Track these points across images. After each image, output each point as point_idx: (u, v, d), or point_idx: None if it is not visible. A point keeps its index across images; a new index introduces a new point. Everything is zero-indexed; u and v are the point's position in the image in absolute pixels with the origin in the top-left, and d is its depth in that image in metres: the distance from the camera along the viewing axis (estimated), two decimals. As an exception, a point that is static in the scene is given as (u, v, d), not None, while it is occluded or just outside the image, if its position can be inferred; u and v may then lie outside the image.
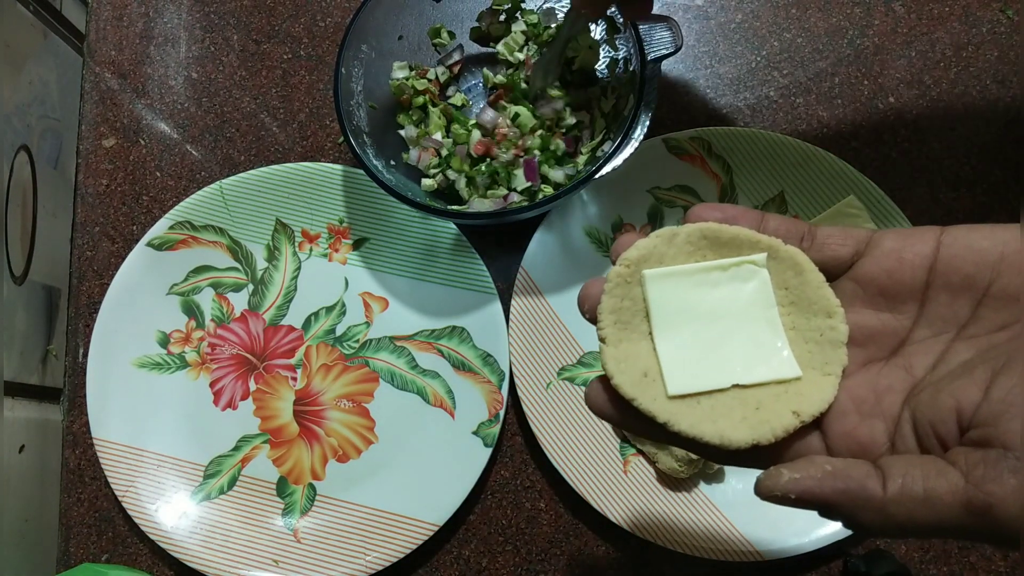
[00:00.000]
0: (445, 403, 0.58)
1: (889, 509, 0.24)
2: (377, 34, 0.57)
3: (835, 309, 0.29)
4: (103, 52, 0.67)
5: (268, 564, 0.56)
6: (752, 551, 0.53)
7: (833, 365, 0.29)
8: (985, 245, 0.27)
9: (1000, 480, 0.23)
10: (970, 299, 0.27)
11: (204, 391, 0.60)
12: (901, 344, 0.29)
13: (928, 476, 0.24)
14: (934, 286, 0.28)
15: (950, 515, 0.24)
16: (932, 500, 0.24)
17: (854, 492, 0.25)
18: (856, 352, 0.29)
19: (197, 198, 0.61)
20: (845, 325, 0.29)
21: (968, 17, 0.64)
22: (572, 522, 0.57)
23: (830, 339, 0.29)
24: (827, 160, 0.58)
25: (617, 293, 0.30)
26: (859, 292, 0.29)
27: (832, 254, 0.30)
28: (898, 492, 0.24)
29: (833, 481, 0.25)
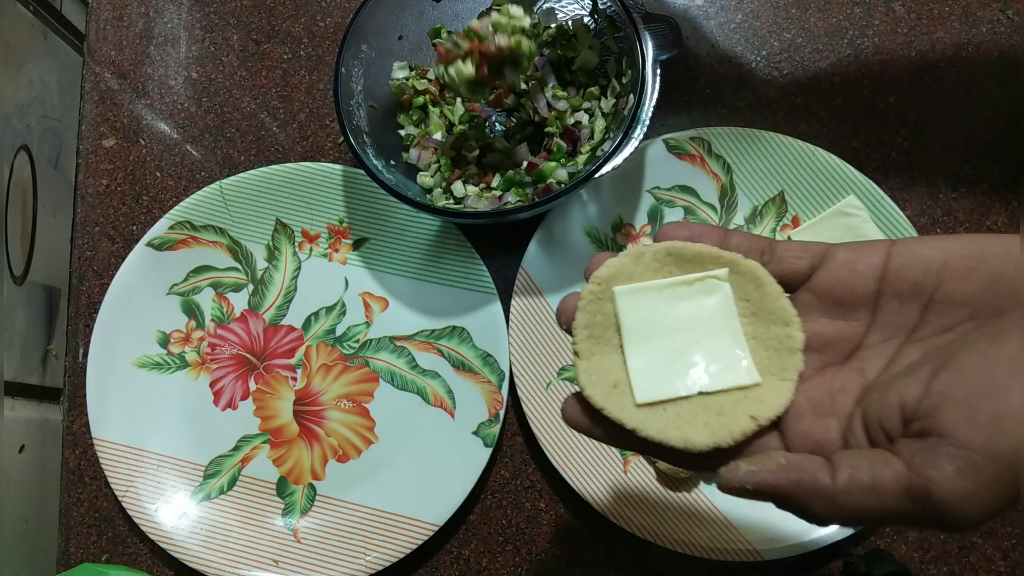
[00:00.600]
0: (445, 403, 0.58)
1: (839, 499, 0.26)
2: (377, 34, 0.57)
3: (792, 318, 0.31)
4: (103, 52, 0.67)
5: (268, 564, 0.56)
6: (752, 551, 0.53)
7: (790, 371, 0.31)
8: (930, 254, 0.29)
9: (938, 466, 0.24)
10: (918, 305, 0.29)
11: (204, 391, 0.60)
12: (855, 349, 0.30)
13: (874, 466, 0.26)
14: (884, 294, 0.29)
15: (894, 501, 0.25)
16: (877, 488, 0.25)
17: (806, 483, 0.26)
18: (813, 358, 0.31)
19: (197, 198, 0.61)
20: (801, 333, 0.31)
21: (968, 17, 0.64)
22: (572, 522, 0.57)
23: (787, 346, 0.31)
24: (827, 160, 0.58)
25: (590, 309, 0.32)
26: (816, 302, 0.31)
27: (790, 267, 0.31)
28: (847, 482, 0.26)
29: (787, 473, 0.27)
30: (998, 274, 0.27)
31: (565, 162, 0.58)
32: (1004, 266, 0.27)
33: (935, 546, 0.56)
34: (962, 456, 0.24)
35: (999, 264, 0.27)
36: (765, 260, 0.32)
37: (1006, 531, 0.56)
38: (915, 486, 0.24)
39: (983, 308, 0.27)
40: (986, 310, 0.27)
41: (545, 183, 0.57)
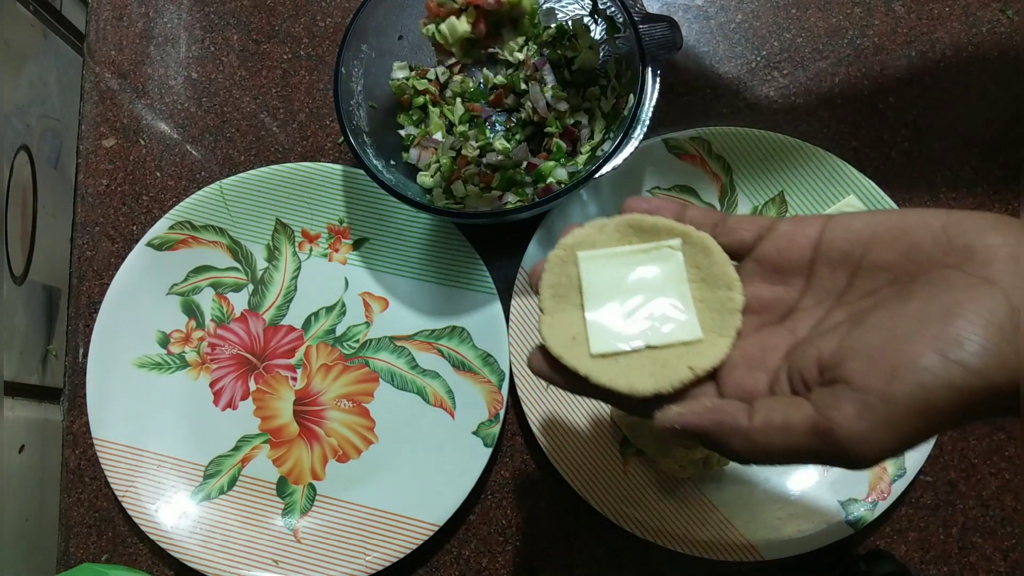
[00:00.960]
0: (445, 403, 0.58)
1: (754, 436, 0.29)
2: (377, 34, 0.57)
3: (734, 283, 0.34)
4: (103, 52, 0.67)
5: (268, 564, 0.56)
6: (752, 551, 0.53)
7: (729, 328, 0.34)
8: (859, 227, 0.32)
9: (840, 408, 0.27)
10: (846, 271, 0.32)
11: (204, 391, 0.60)
12: (790, 312, 0.34)
13: (787, 409, 0.29)
14: (818, 262, 0.33)
15: (802, 439, 0.28)
16: (788, 428, 0.28)
17: (727, 423, 0.30)
18: (752, 319, 0.34)
19: (197, 198, 0.61)
20: (742, 296, 0.34)
21: (968, 17, 0.64)
22: (572, 522, 0.57)
23: (728, 308, 0.34)
24: (827, 160, 0.58)
25: (555, 271, 0.36)
26: (758, 269, 0.34)
27: (738, 238, 0.35)
28: (762, 423, 0.29)
29: (711, 415, 0.30)
30: (916, 243, 0.30)
31: (565, 162, 0.58)
32: (921, 236, 0.30)
33: (935, 546, 0.56)
34: (861, 400, 0.27)
35: (918, 235, 0.30)
36: (717, 232, 0.35)
37: (1006, 531, 0.56)
38: (819, 425, 0.27)
39: (901, 273, 0.30)
40: (904, 275, 0.30)
41: (545, 183, 0.57)
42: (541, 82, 0.60)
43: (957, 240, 0.29)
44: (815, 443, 0.27)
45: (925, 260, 0.29)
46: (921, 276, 0.29)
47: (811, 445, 0.27)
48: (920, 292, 0.28)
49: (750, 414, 0.29)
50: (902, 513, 0.57)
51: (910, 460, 0.54)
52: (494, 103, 0.61)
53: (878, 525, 0.56)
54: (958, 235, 0.29)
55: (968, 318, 0.26)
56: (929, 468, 0.57)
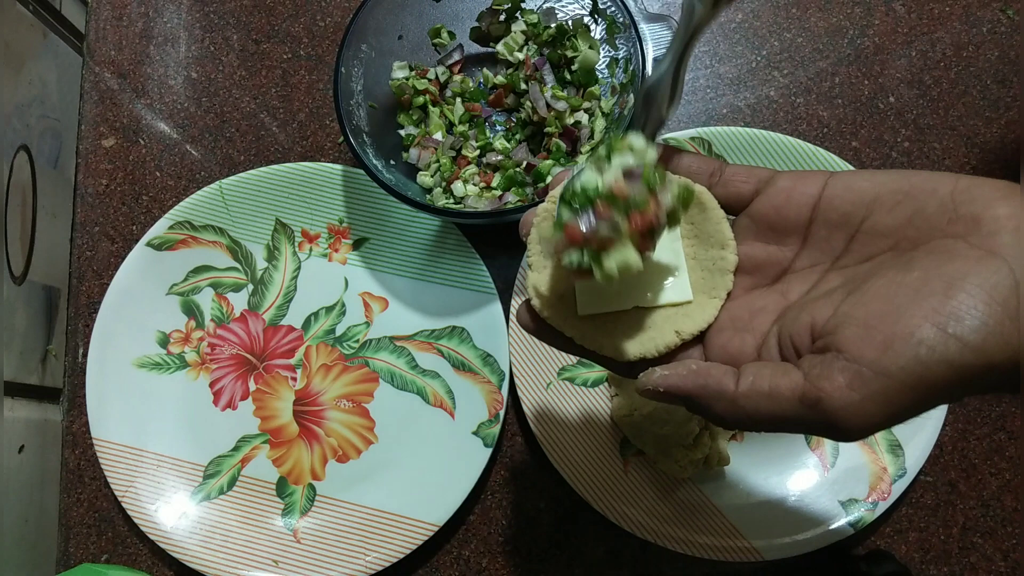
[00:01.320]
0: (445, 403, 0.58)
1: (739, 402, 0.28)
2: (377, 34, 0.57)
3: (728, 242, 0.33)
4: (103, 52, 0.67)
5: (268, 564, 0.56)
6: (752, 551, 0.53)
7: (719, 290, 0.33)
8: (863, 187, 0.30)
9: (830, 377, 0.26)
10: (845, 234, 0.31)
11: (204, 391, 0.60)
12: (783, 273, 0.32)
13: (775, 375, 0.28)
14: (816, 222, 0.31)
15: (789, 407, 0.27)
16: (775, 394, 0.27)
17: (711, 387, 0.29)
18: (744, 279, 0.33)
19: (197, 198, 0.61)
20: (735, 256, 0.33)
21: (968, 17, 0.64)
22: (572, 522, 0.57)
23: (720, 267, 0.33)
24: (828, 160, 0.58)
25: (544, 226, 0.34)
26: (752, 226, 0.33)
27: (735, 190, 0.33)
28: (748, 387, 0.28)
29: (695, 377, 0.29)
30: (920, 209, 0.29)
31: (565, 162, 0.58)
32: (927, 202, 0.28)
33: (936, 546, 0.56)
34: (853, 370, 0.26)
35: (923, 200, 0.29)
36: (713, 182, 0.33)
37: (1006, 531, 0.56)
38: (808, 393, 0.26)
39: (902, 240, 0.29)
40: (905, 242, 0.29)
41: (545, 183, 0.57)
42: (541, 82, 0.59)
43: (964, 208, 0.27)
44: (802, 411, 0.27)
45: (928, 227, 0.28)
46: (923, 244, 0.28)
47: (798, 413, 0.27)
48: (921, 261, 0.27)
49: (736, 379, 0.28)
50: (902, 513, 0.57)
51: (910, 460, 0.54)
52: (494, 103, 0.61)
53: (878, 525, 0.56)
54: (965, 203, 0.27)
55: (970, 291, 0.25)
56: (929, 468, 0.57)
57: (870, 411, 0.25)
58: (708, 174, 0.34)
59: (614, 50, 0.58)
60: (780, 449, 0.56)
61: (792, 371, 0.27)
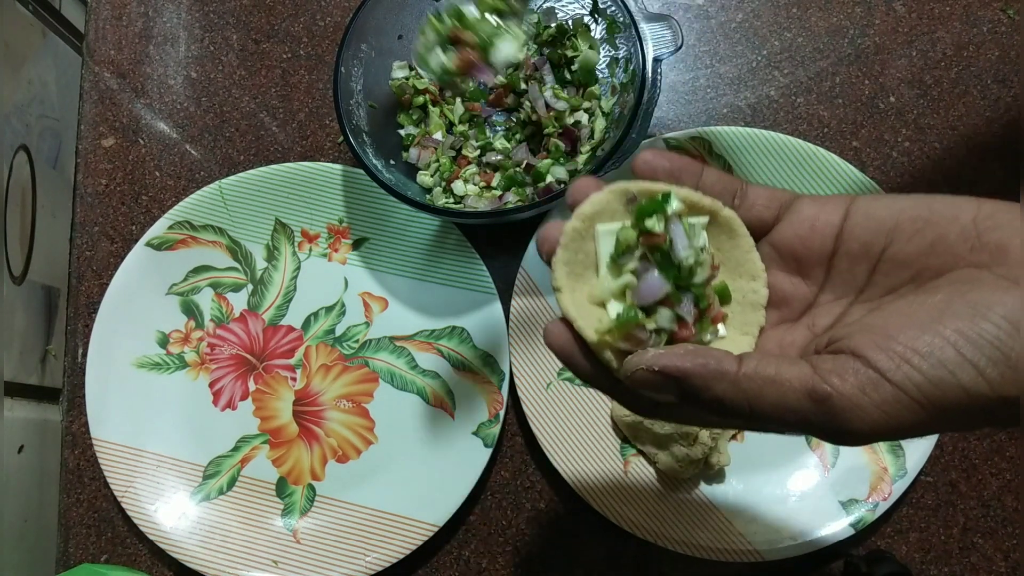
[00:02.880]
0: (445, 403, 0.58)
1: (742, 383, 0.26)
2: (377, 33, 0.57)
3: (759, 273, 0.31)
4: (102, 51, 0.67)
5: (267, 565, 0.56)
6: (752, 551, 0.53)
7: (751, 326, 0.31)
8: (883, 214, 0.29)
9: (843, 376, 0.25)
10: (867, 265, 0.30)
11: (203, 391, 0.59)
12: (809, 307, 0.32)
13: (781, 363, 0.27)
14: (838, 253, 0.30)
15: (794, 398, 0.26)
16: (780, 381, 0.26)
17: (711, 366, 0.27)
18: (771, 313, 0.32)
19: (196, 198, 0.61)
20: (766, 289, 0.31)
21: (969, 16, 0.64)
22: (572, 522, 0.57)
23: (751, 301, 0.31)
24: (828, 160, 0.58)
25: (572, 247, 0.31)
26: (775, 256, 0.32)
27: (758, 216, 0.32)
28: (752, 370, 0.27)
29: (693, 356, 0.27)
30: (942, 236, 0.28)
31: (564, 162, 0.58)
32: (948, 229, 0.28)
33: (936, 546, 0.56)
34: (867, 375, 0.25)
35: (945, 227, 0.28)
36: (736, 204, 0.32)
37: (1007, 531, 0.56)
38: (817, 388, 0.25)
39: (924, 269, 0.28)
40: (927, 271, 0.28)
41: (544, 183, 0.57)
42: (541, 82, 0.59)
43: (988, 236, 0.27)
44: (808, 406, 0.26)
45: (951, 255, 0.27)
46: (946, 273, 0.27)
47: (803, 407, 0.26)
48: (945, 288, 0.26)
49: (739, 363, 0.27)
50: (903, 513, 0.57)
51: (911, 461, 0.54)
52: (494, 103, 0.61)
53: (879, 525, 0.56)
54: (989, 230, 0.27)
55: (996, 321, 0.24)
56: (930, 468, 0.57)
57: (877, 418, 0.25)
58: (732, 195, 0.32)
59: (614, 50, 0.58)
60: (780, 449, 0.56)
61: (799, 362, 0.27)
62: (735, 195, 0.32)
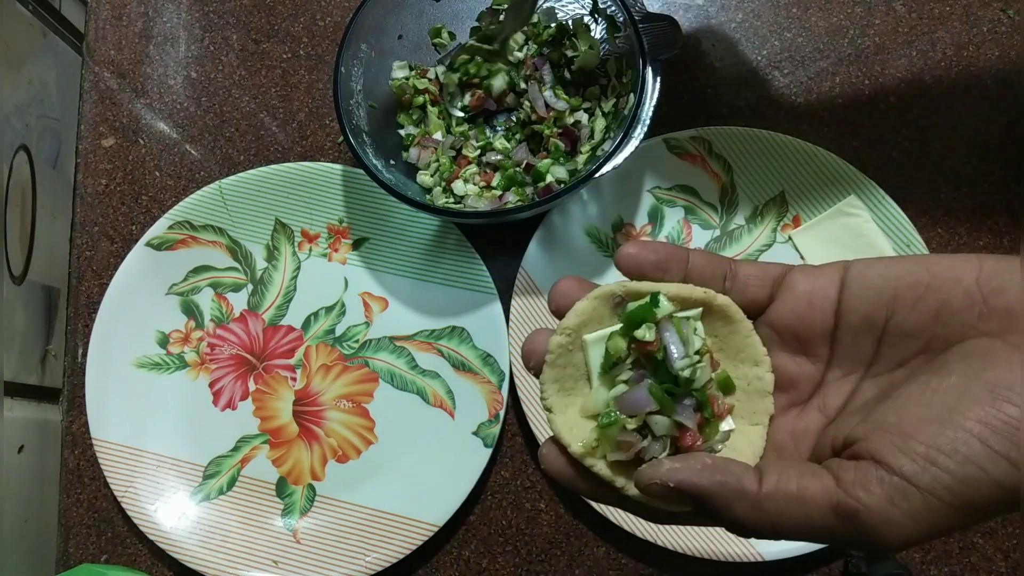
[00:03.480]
0: (445, 403, 0.58)
1: (763, 504, 0.25)
2: (377, 33, 0.57)
3: (762, 358, 0.30)
4: (102, 51, 0.67)
5: (267, 565, 0.56)
6: (752, 551, 0.53)
7: (760, 415, 0.30)
8: (879, 283, 0.28)
9: (868, 488, 0.24)
10: (871, 338, 0.28)
11: (203, 391, 0.59)
12: (818, 387, 0.30)
13: (802, 476, 0.25)
14: (840, 327, 0.29)
15: (820, 515, 0.24)
16: (804, 499, 0.24)
17: (730, 485, 0.25)
18: (779, 397, 0.30)
19: (196, 198, 0.61)
20: (771, 375, 0.30)
21: (969, 16, 0.64)
22: (572, 522, 0.57)
23: (757, 388, 0.30)
24: (828, 160, 0.58)
25: (559, 363, 0.30)
26: (775, 337, 0.30)
27: (752, 296, 0.30)
28: (773, 488, 0.25)
29: (711, 473, 0.26)
30: (946, 302, 0.26)
31: (564, 162, 0.58)
32: (950, 295, 0.26)
33: (936, 546, 0.56)
34: (893, 483, 0.23)
35: (946, 292, 0.26)
36: (727, 287, 0.30)
37: (1007, 531, 0.56)
38: (843, 504, 0.24)
39: (933, 339, 0.26)
40: (936, 341, 0.26)
41: (544, 182, 0.57)
42: (541, 82, 0.59)
43: (995, 300, 0.25)
44: (835, 522, 0.24)
45: (958, 324, 0.26)
46: (956, 344, 0.26)
47: (829, 523, 0.24)
48: (957, 365, 0.25)
49: (759, 477, 0.25)
50: (903, 513, 0.56)
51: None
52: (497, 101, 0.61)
53: (879, 525, 0.56)
54: (995, 293, 0.25)
55: (1017, 403, 0.23)
56: (930, 468, 0.57)
57: (911, 529, 0.23)
58: (722, 277, 0.30)
59: (614, 50, 0.58)
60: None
61: (821, 473, 0.25)
62: (725, 276, 0.30)
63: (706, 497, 0.26)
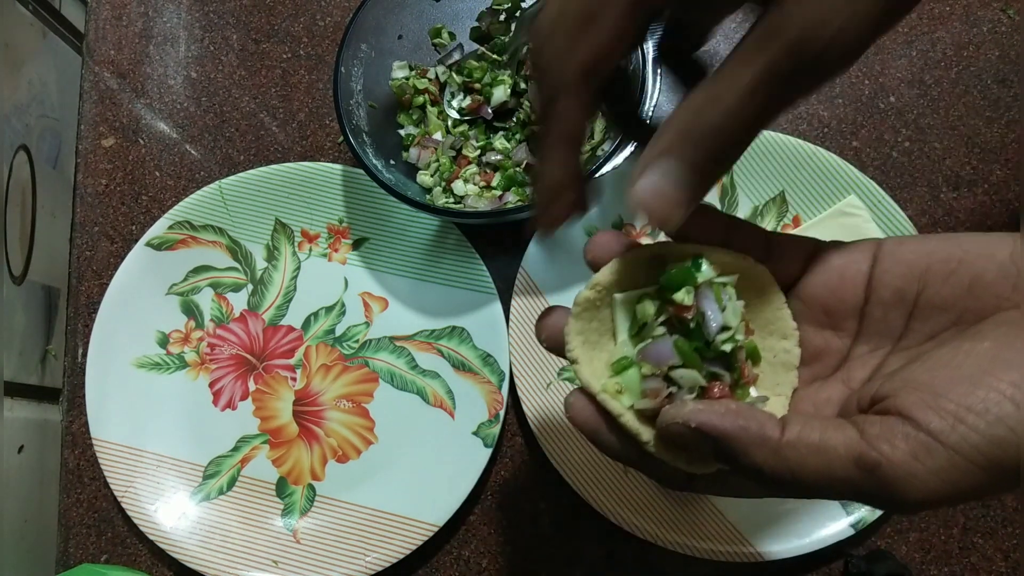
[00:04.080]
0: (445, 403, 0.58)
1: (784, 451, 0.25)
2: (377, 33, 0.57)
3: (791, 332, 0.30)
4: (102, 51, 0.67)
5: (267, 565, 0.56)
6: (752, 551, 0.53)
7: (784, 386, 0.30)
8: (912, 258, 0.28)
9: (892, 442, 0.23)
10: (902, 312, 0.28)
11: (203, 391, 0.59)
12: (843, 361, 0.30)
13: (826, 428, 0.25)
14: (870, 302, 0.29)
15: (841, 467, 0.24)
16: (826, 449, 0.24)
17: (752, 430, 0.25)
18: (802, 370, 0.30)
19: (196, 198, 0.61)
20: (799, 348, 0.30)
21: (969, 16, 0.64)
22: (572, 522, 0.57)
23: (783, 361, 0.30)
24: (828, 160, 0.58)
25: (585, 316, 0.30)
26: (804, 311, 0.30)
27: (785, 269, 0.30)
28: (795, 437, 0.25)
29: (734, 417, 0.25)
30: (979, 276, 0.26)
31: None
32: (984, 269, 0.26)
33: (936, 546, 0.56)
34: (919, 439, 0.23)
35: (980, 267, 0.26)
36: (762, 257, 0.30)
37: (1007, 531, 0.56)
38: (865, 456, 0.24)
39: (965, 312, 0.27)
40: (968, 314, 0.27)
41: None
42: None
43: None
44: (856, 475, 0.24)
45: (991, 296, 0.26)
46: (989, 316, 0.26)
47: (850, 475, 0.24)
48: (991, 332, 0.25)
49: (782, 428, 0.25)
50: (903, 513, 0.57)
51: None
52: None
53: (879, 525, 0.56)
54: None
55: None
56: (930, 468, 0.57)
57: (934, 487, 0.23)
58: (760, 246, 0.30)
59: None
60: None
61: (845, 426, 0.25)
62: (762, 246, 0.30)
63: (726, 440, 0.25)
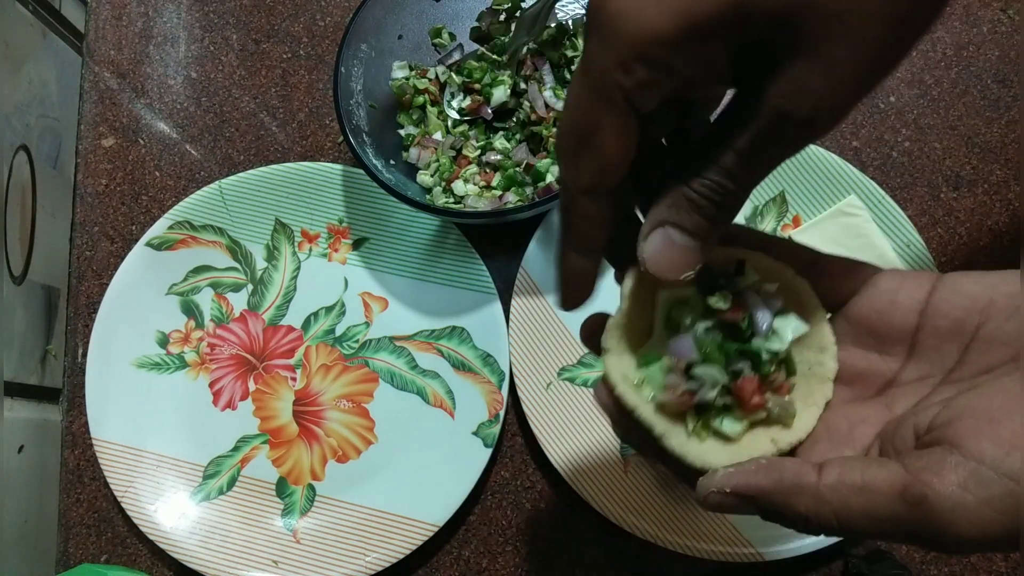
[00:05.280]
0: (445, 403, 0.58)
1: (825, 495, 0.24)
2: (377, 33, 0.57)
3: (828, 345, 0.30)
4: (102, 51, 0.67)
5: (267, 565, 0.56)
6: (752, 551, 0.53)
7: (816, 397, 0.29)
8: (975, 291, 0.27)
9: (940, 473, 0.22)
10: (958, 343, 0.27)
11: (203, 391, 0.59)
12: (887, 386, 0.29)
13: (867, 467, 0.24)
14: (924, 330, 0.28)
15: (885, 503, 0.23)
16: (869, 488, 0.23)
17: (788, 480, 0.25)
18: (842, 391, 0.30)
19: (196, 198, 0.61)
20: (835, 363, 0.29)
21: (969, 16, 0.64)
22: (572, 522, 0.57)
23: (817, 374, 0.30)
24: (828, 160, 0.58)
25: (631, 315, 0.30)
26: (850, 331, 0.30)
27: (837, 288, 0.30)
28: (835, 479, 0.24)
29: (767, 471, 0.25)
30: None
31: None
32: None
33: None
34: (969, 467, 0.22)
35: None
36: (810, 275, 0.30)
37: (1007, 531, 0.56)
38: (911, 488, 0.22)
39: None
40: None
41: (544, 183, 0.57)
42: (540, 82, 0.59)
43: None
44: (902, 510, 0.22)
45: None
46: None
47: (896, 511, 0.23)
48: None
49: (818, 471, 0.24)
50: (903, 513, 0.56)
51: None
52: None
53: (879, 525, 0.56)
54: None
55: None
56: (930, 468, 0.57)
57: (986, 518, 0.22)
58: (806, 263, 0.30)
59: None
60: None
61: (888, 463, 0.24)
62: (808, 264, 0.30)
63: (766, 496, 0.25)
